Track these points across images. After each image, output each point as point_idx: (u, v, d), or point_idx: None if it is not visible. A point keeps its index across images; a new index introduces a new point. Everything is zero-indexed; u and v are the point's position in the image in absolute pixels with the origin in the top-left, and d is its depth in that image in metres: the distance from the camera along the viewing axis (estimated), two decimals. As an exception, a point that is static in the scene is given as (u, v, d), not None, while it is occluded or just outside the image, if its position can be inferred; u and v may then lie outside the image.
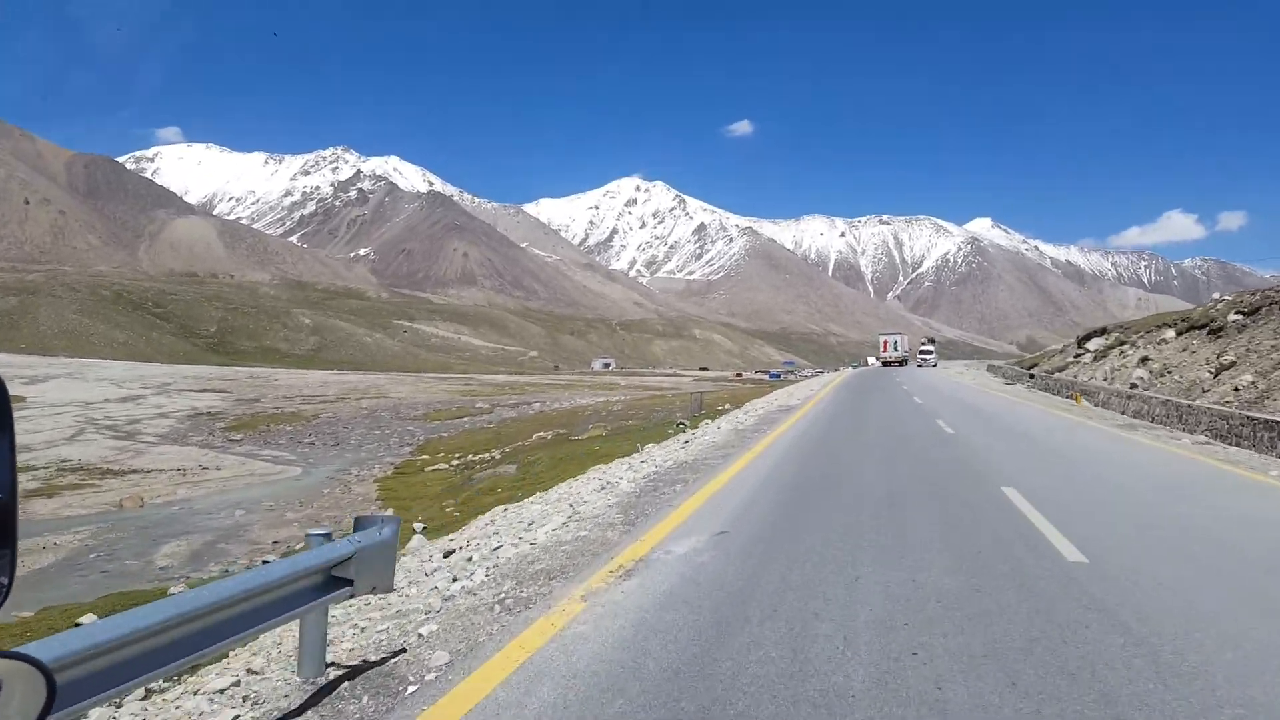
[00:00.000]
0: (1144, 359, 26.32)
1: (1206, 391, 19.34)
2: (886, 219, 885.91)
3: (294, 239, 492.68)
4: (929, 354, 75.15)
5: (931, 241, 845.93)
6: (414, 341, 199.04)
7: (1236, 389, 17.80)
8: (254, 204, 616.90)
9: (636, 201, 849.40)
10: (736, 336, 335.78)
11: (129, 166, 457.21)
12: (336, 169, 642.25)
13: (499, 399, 63.71)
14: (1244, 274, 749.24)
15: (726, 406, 29.66)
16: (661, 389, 71.85)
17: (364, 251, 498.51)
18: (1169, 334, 26.80)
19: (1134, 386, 23.73)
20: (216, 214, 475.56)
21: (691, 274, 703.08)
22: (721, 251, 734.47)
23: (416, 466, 32.00)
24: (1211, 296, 30.24)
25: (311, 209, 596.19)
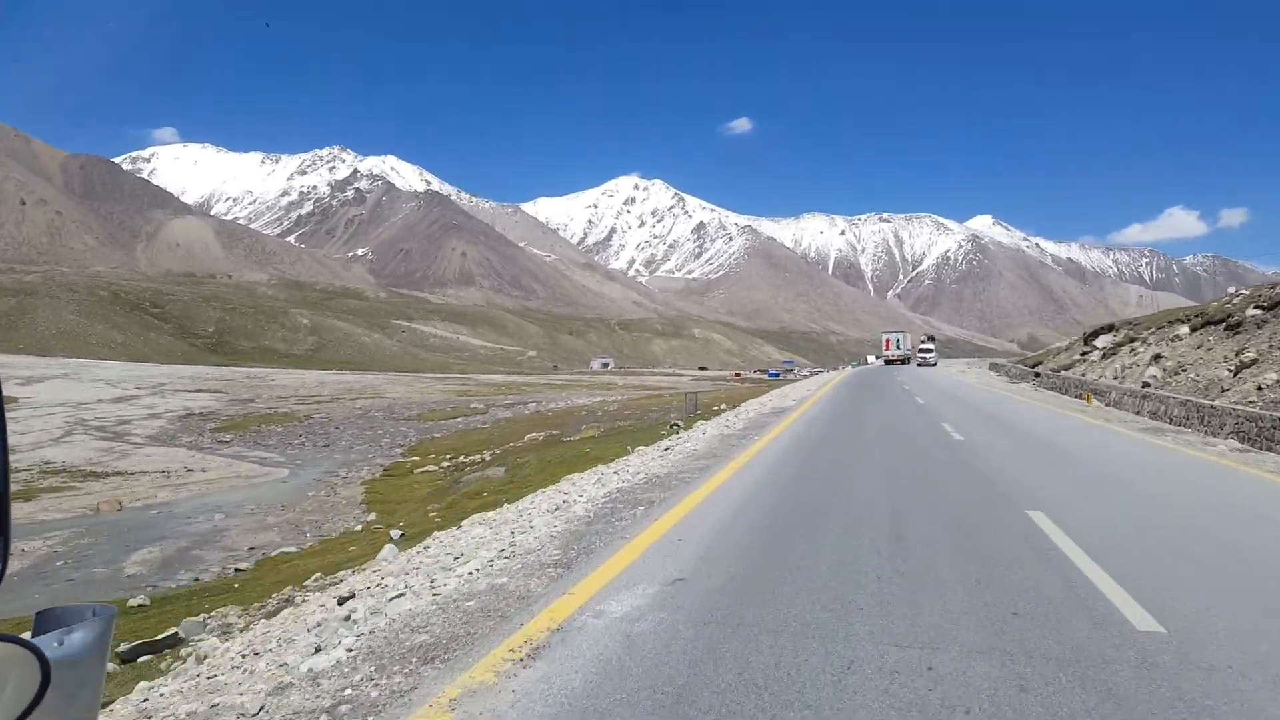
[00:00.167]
0: (1156, 356, 25.44)
1: (1226, 391, 18.47)
2: (887, 217, 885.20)
3: (291, 239, 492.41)
4: (929, 352, 74.41)
5: (932, 239, 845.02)
6: (412, 341, 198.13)
7: (1260, 388, 16.94)
8: (251, 204, 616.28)
9: (635, 200, 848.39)
10: (736, 335, 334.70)
11: (125, 167, 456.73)
12: (333, 169, 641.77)
13: (495, 399, 62.91)
14: (1246, 271, 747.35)
15: (722, 407, 28.84)
16: (659, 389, 71.06)
17: (362, 251, 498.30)
18: (1183, 330, 25.93)
19: (1146, 385, 22.87)
20: (213, 214, 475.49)
21: (691, 273, 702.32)
22: (721, 250, 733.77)
23: (406, 468, 31.23)
24: (1227, 291, 29.38)
25: (309, 209, 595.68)
